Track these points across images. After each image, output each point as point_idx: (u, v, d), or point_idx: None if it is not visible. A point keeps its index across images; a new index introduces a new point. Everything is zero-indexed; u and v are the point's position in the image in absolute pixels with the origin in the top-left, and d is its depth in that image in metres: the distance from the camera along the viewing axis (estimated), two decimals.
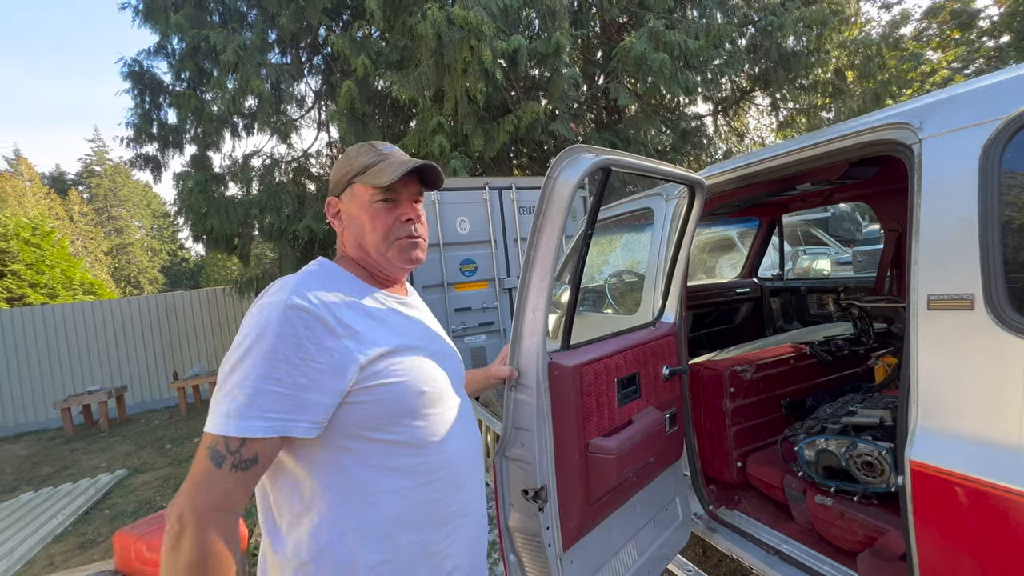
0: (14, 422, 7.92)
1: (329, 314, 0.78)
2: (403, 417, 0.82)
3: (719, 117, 11.83)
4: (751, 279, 3.66)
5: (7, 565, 3.18)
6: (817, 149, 1.48)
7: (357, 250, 0.93)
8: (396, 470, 0.82)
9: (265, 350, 0.72)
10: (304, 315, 0.75)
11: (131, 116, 8.03)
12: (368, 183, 0.89)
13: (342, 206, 0.95)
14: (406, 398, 0.83)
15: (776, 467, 1.81)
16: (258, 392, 0.71)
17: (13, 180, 26.82)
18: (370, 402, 0.79)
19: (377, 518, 0.80)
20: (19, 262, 12.18)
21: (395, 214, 0.91)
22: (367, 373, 0.79)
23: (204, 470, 0.70)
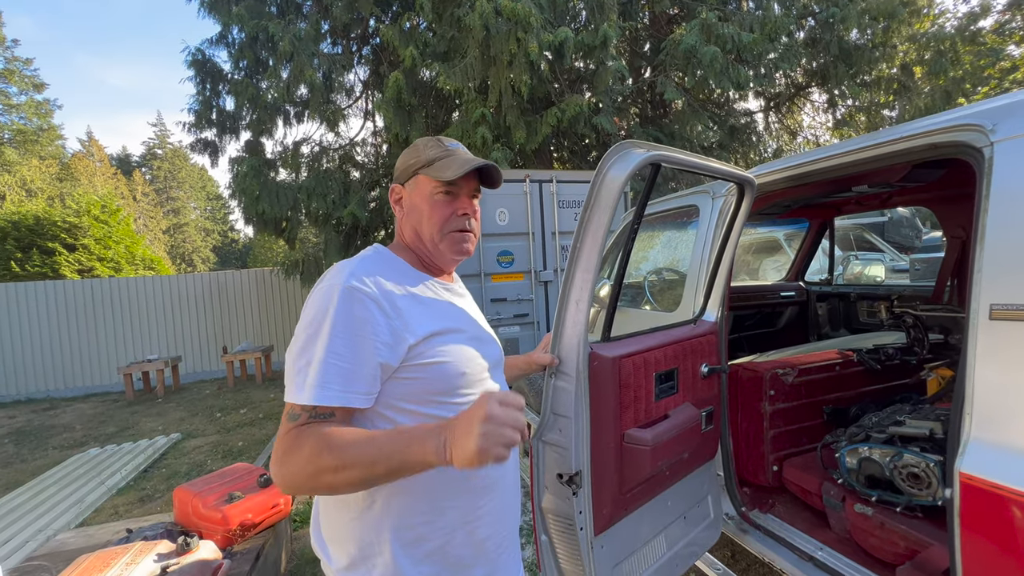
0: (83, 384, 8.61)
1: (383, 297, 0.84)
2: (442, 394, 0.88)
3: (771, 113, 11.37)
4: (797, 283, 3.55)
5: (79, 511, 3.50)
6: (878, 150, 1.43)
7: (413, 237, 0.99)
8: None
9: (328, 328, 0.79)
10: (361, 296, 0.82)
11: (193, 102, 8.48)
12: (433, 175, 0.94)
13: (404, 194, 1.00)
14: (447, 377, 0.88)
15: (814, 473, 1.78)
16: (324, 365, 0.78)
17: (85, 160, 28.81)
18: (414, 379, 0.86)
19: (415, 484, 0.85)
20: (89, 237, 13.12)
21: (453, 207, 0.96)
22: (414, 353, 0.85)
23: (287, 425, 0.79)
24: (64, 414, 6.93)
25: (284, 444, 0.77)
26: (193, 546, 1.89)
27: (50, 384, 8.50)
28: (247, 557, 2.12)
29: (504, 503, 0.97)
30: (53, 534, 3.12)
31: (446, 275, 1.04)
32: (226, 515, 2.19)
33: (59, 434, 5.85)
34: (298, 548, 2.79)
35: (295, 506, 3.21)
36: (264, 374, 8.19)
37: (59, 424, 6.35)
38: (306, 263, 8.79)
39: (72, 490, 3.93)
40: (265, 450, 4.52)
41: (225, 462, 4.29)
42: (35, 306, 8.50)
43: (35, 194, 23.11)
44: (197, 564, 1.82)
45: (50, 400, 8.05)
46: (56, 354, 8.56)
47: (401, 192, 1.01)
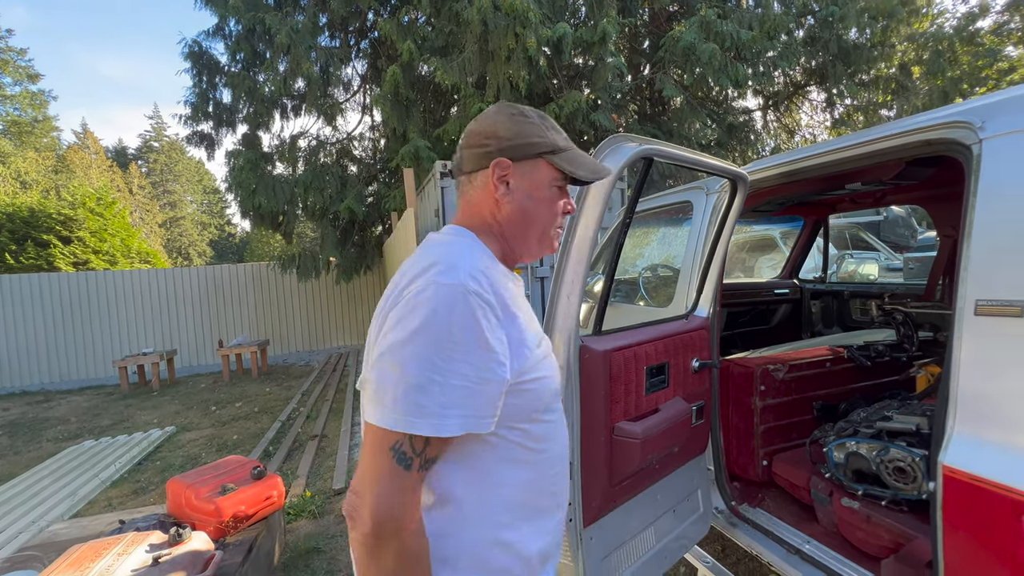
0: (78, 376, 8.59)
1: (498, 301, 0.72)
2: (539, 412, 0.78)
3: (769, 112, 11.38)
4: (791, 280, 3.57)
5: (72, 503, 3.49)
6: (869, 147, 1.44)
7: (515, 226, 0.83)
8: (522, 462, 0.77)
9: (444, 338, 0.65)
10: (481, 303, 0.68)
11: (189, 95, 8.42)
12: (561, 167, 0.81)
13: (514, 175, 0.81)
14: (546, 394, 0.78)
15: (803, 468, 1.80)
16: (446, 387, 0.64)
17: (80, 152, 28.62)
18: (525, 392, 0.74)
19: (501, 509, 0.75)
20: (84, 229, 13.05)
21: (560, 204, 0.85)
22: (525, 367, 0.73)
23: (392, 473, 0.64)
24: (59, 406, 6.91)
25: (400, 497, 0.64)
26: (185, 537, 1.89)
27: (45, 377, 8.48)
28: (240, 549, 2.13)
29: (562, 518, 0.89)
30: (46, 525, 3.12)
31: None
32: (219, 507, 2.19)
33: (53, 426, 5.84)
34: (292, 540, 2.80)
35: (288, 499, 3.22)
36: (260, 368, 8.18)
37: (53, 416, 6.34)
38: (303, 257, 8.77)
39: (66, 482, 3.93)
40: (260, 443, 4.53)
41: (220, 455, 4.29)
42: (30, 299, 8.46)
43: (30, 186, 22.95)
44: (189, 555, 1.82)
45: (45, 393, 8.03)
46: (51, 347, 8.53)
47: (509, 171, 0.81)
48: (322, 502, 3.27)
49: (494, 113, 0.84)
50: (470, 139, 0.83)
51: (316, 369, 8.32)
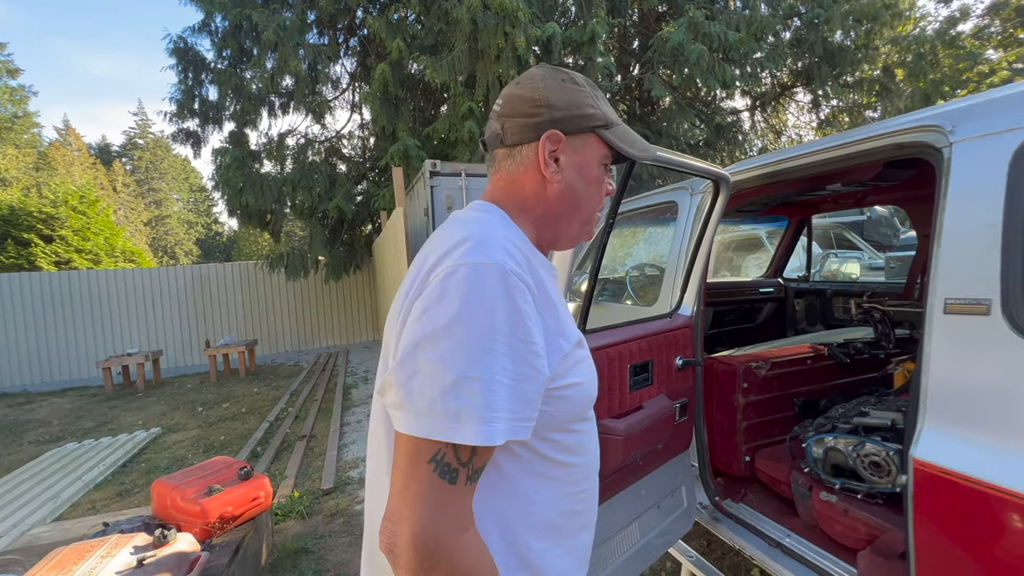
0: (60, 378, 8.44)
1: (536, 285, 0.62)
2: (573, 421, 0.68)
3: (756, 112, 11.52)
4: (776, 279, 3.62)
5: (54, 506, 3.44)
6: (847, 149, 1.48)
7: (562, 206, 0.73)
8: (548, 477, 0.67)
9: (483, 328, 0.55)
10: (521, 285, 0.58)
11: (175, 91, 8.31)
12: (612, 143, 0.72)
13: (565, 148, 0.71)
14: (583, 401, 0.69)
15: (784, 463, 1.84)
16: (488, 383, 0.54)
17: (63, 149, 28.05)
18: (555, 404, 0.64)
19: (523, 527, 0.66)
20: (67, 228, 12.82)
21: (604, 184, 0.76)
22: (561, 369, 0.63)
23: (435, 490, 0.54)
24: (40, 408, 6.79)
25: (448, 514, 0.55)
26: (170, 539, 1.88)
27: (25, 378, 8.32)
28: (226, 550, 2.12)
29: (590, 538, 0.81)
30: (27, 529, 3.08)
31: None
32: (205, 508, 2.18)
33: (34, 428, 5.74)
34: (280, 541, 2.79)
35: (276, 500, 3.21)
36: (248, 368, 8.11)
37: (35, 419, 6.23)
38: (291, 256, 8.71)
39: (48, 485, 3.87)
40: (247, 444, 4.49)
41: (206, 456, 4.25)
42: (10, 299, 8.30)
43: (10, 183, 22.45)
44: (174, 556, 1.81)
45: (26, 394, 7.88)
46: (32, 347, 8.38)
47: (561, 145, 0.70)
48: (310, 502, 3.26)
49: (541, 77, 0.72)
50: (514, 106, 0.71)
51: (305, 369, 8.26)
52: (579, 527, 0.73)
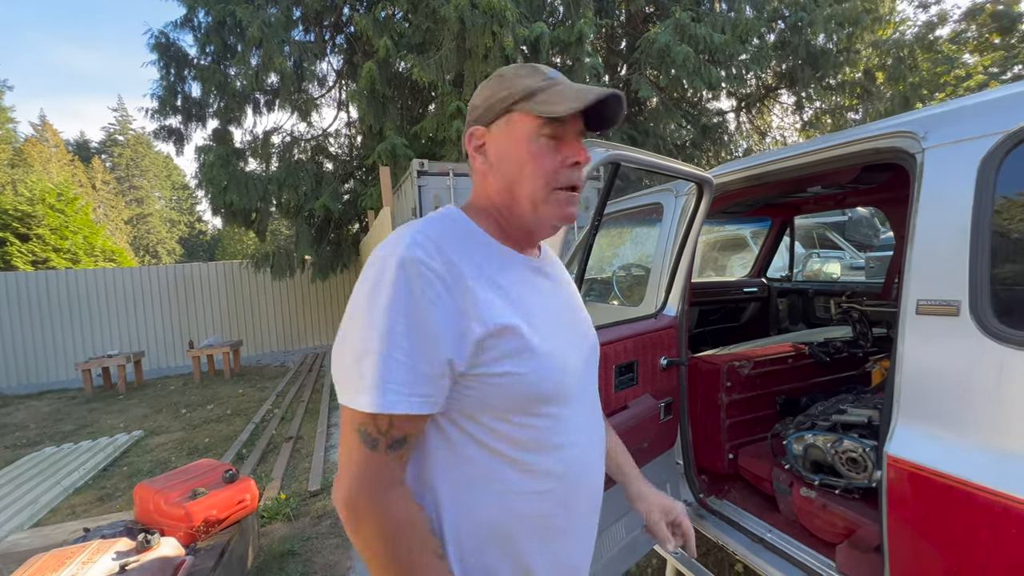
0: (37, 380, 8.24)
1: (449, 272, 0.65)
2: (514, 413, 0.69)
3: (742, 114, 11.67)
4: (759, 279, 3.69)
5: (33, 511, 3.37)
6: (825, 153, 1.51)
7: (503, 197, 0.74)
8: (495, 471, 0.70)
9: (385, 311, 0.61)
10: (424, 271, 0.63)
11: (156, 88, 8.16)
12: (536, 111, 0.69)
13: (490, 138, 0.74)
14: (523, 393, 0.69)
15: (766, 460, 1.88)
16: (384, 360, 0.61)
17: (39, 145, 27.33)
18: (489, 387, 0.67)
19: (468, 520, 0.69)
20: (44, 226, 12.52)
21: (561, 155, 0.72)
22: (483, 350, 0.66)
23: (359, 453, 0.62)
24: (17, 412, 6.63)
25: (369, 475, 0.62)
26: (154, 543, 1.86)
27: (2, 381, 8.12)
28: (211, 553, 2.10)
29: (565, 553, 0.77)
30: (4, 535, 3.01)
31: (533, 249, 0.81)
32: (189, 512, 2.16)
33: (11, 433, 5.60)
34: (266, 543, 2.77)
35: (263, 502, 3.18)
36: (232, 369, 8.00)
37: (11, 423, 6.07)
38: (277, 256, 8.61)
39: (25, 490, 3.78)
40: (232, 446, 4.44)
41: (191, 459, 4.19)
42: None
43: None
44: (158, 561, 1.79)
45: (2, 398, 7.68)
46: (8, 349, 8.17)
47: (484, 136, 0.74)
48: (297, 504, 3.23)
49: (478, 88, 0.78)
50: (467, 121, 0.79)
51: (291, 370, 8.18)
52: (531, 532, 0.71)
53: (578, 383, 0.77)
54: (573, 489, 0.75)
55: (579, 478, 0.76)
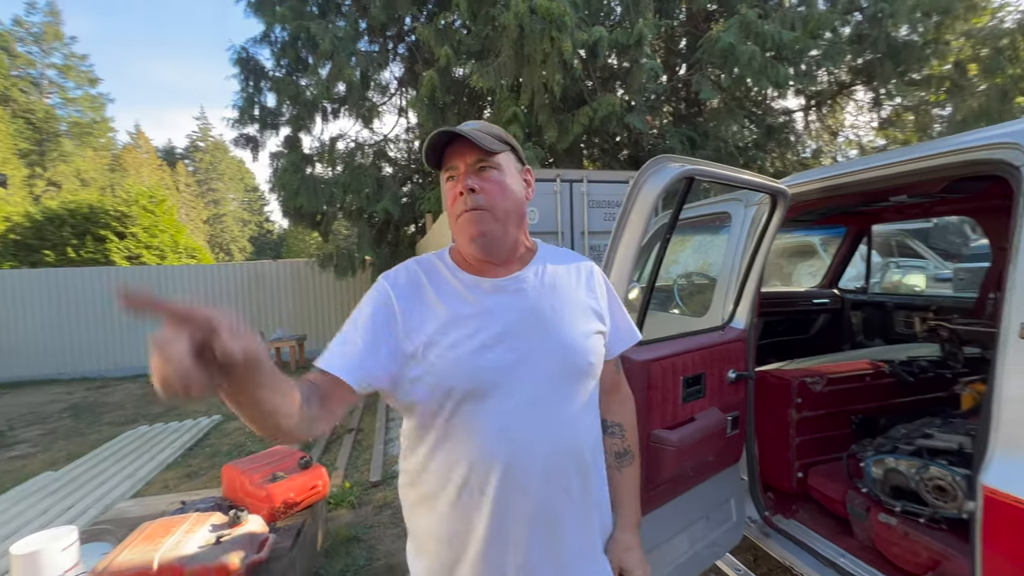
0: (131, 364, 9.14)
1: (400, 292, 0.85)
2: (432, 416, 0.83)
3: (811, 112, 11.03)
4: (831, 290, 3.50)
5: (133, 483, 3.77)
6: (913, 164, 1.44)
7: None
8: (419, 454, 0.87)
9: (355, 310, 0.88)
10: (382, 285, 0.88)
11: (237, 99, 8.82)
12: (425, 162, 0.88)
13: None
14: (432, 396, 0.82)
15: (839, 481, 1.80)
16: (336, 337, 0.84)
17: (134, 152, 30.25)
18: (413, 383, 0.83)
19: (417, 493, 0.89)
20: (138, 226, 13.82)
21: (455, 190, 0.85)
22: (414, 363, 0.82)
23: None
24: (115, 392, 7.39)
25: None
26: (243, 519, 2.04)
27: (102, 364, 9.05)
28: (289, 533, 2.28)
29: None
30: (112, 503, 3.39)
31: (503, 268, 0.89)
32: (271, 493, 2.35)
33: (111, 411, 6.26)
34: (333, 528, 2.95)
35: (331, 488, 3.39)
36: (298, 362, 8.52)
37: (111, 402, 6.79)
38: (339, 256, 9.06)
39: (126, 463, 4.23)
40: None
41: (263, 445, 4.52)
42: (89, 290, 9.05)
43: (89, 184, 24.42)
44: (247, 536, 1.97)
45: (102, 379, 8.59)
46: (107, 336, 9.10)
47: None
48: (360, 493, 3.42)
49: None
50: None
51: None
52: (446, 505, 0.84)
53: (507, 388, 0.82)
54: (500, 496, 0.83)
55: (505, 487, 0.82)
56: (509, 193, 0.85)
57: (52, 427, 5.64)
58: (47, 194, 22.54)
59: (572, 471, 0.86)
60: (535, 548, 0.83)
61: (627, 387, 1.06)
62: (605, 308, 0.95)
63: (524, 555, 0.83)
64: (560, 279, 0.91)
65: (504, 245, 0.87)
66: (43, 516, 3.28)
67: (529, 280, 0.89)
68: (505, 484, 0.81)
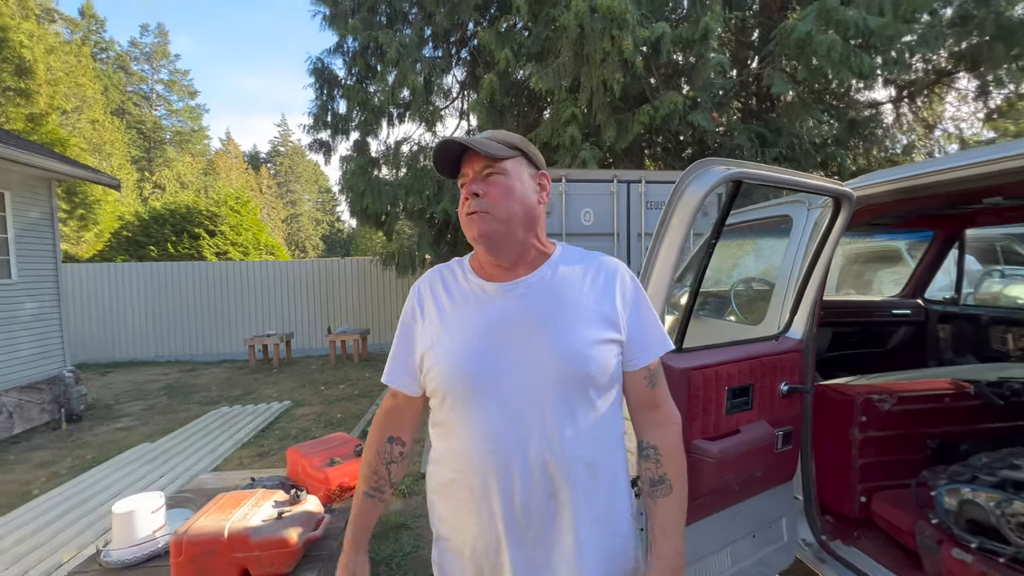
0: (216, 351, 10.05)
1: (418, 300, 0.94)
2: (435, 413, 0.92)
3: (903, 104, 10.04)
4: (915, 300, 3.19)
5: (213, 457, 4.17)
6: (1004, 164, 1.30)
7: None
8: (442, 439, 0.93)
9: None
10: (409, 299, 0.96)
11: (312, 107, 9.44)
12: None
13: None
14: (435, 395, 0.90)
15: (908, 510, 1.65)
16: (390, 354, 0.97)
17: (225, 157, 33.23)
18: (426, 388, 0.93)
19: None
20: (226, 224, 15.19)
21: (464, 194, 0.90)
22: (423, 365, 0.91)
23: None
24: (202, 376, 8.18)
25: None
26: (303, 498, 2.20)
27: (192, 349, 10.03)
28: (342, 515, 2.42)
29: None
30: (195, 474, 3.77)
31: (510, 272, 0.90)
32: (328, 476, 2.51)
33: (199, 392, 6.94)
34: (383, 515, 3.10)
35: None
36: (360, 355, 8.98)
37: (199, 384, 7.52)
38: (401, 255, 9.45)
39: (209, 439, 4.68)
40: (359, 424, 5.02)
41: (326, 430, 4.83)
42: (184, 283, 10.07)
43: (187, 186, 27.14)
44: (305, 514, 2.13)
45: (192, 363, 9.52)
46: (198, 323, 10.08)
47: None
48: (410, 483, 3.56)
49: None
50: None
51: None
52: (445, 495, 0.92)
53: (484, 397, 0.84)
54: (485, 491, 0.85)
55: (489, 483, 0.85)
56: (515, 196, 0.86)
57: (151, 403, 6.35)
58: (153, 196, 25.35)
59: (562, 480, 0.84)
60: (518, 551, 0.85)
61: (670, 408, 0.95)
62: (623, 315, 0.88)
63: (509, 556, 0.84)
64: (568, 284, 0.89)
65: (508, 247, 0.87)
66: (139, 482, 3.72)
67: (533, 285, 0.89)
68: (490, 486, 0.83)
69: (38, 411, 5.60)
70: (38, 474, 4.11)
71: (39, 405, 5.61)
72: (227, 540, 1.81)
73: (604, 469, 0.87)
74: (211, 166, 31.88)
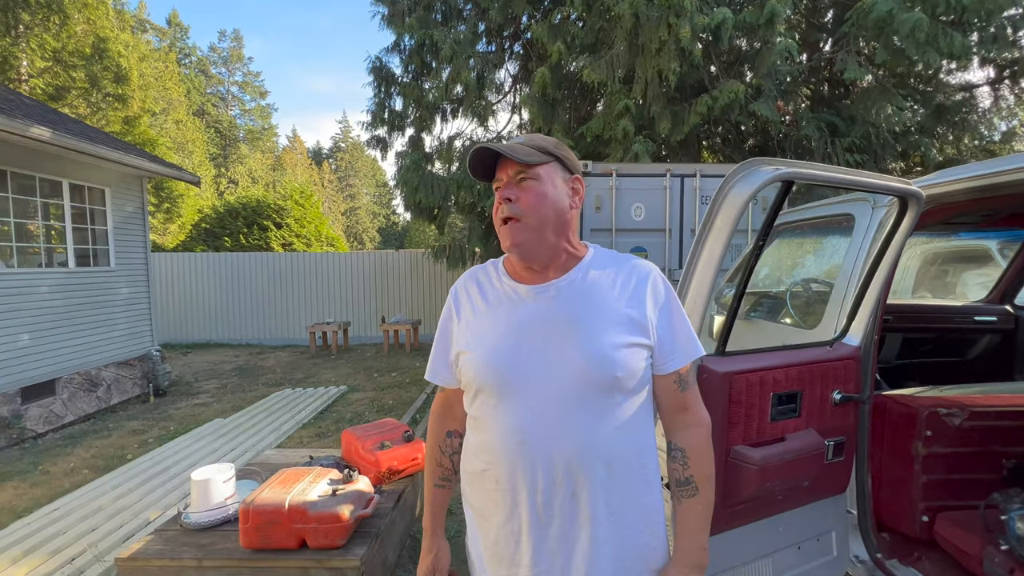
0: (281, 336, 10.76)
1: (454, 300, 1.01)
2: (468, 407, 0.98)
3: (1002, 86, 9.00)
4: (1003, 306, 2.91)
5: (277, 435, 4.50)
6: None
7: None
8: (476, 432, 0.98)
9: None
10: (449, 299, 1.03)
11: (370, 104, 9.80)
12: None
13: None
14: (468, 390, 0.95)
15: (976, 533, 1.53)
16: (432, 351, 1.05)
17: (291, 154, 35.22)
18: (461, 383, 0.99)
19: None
20: (291, 217, 16.16)
21: (497, 199, 0.92)
22: (458, 361, 0.97)
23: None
24: (269, 359, 8.79)
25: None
26: (355, 478, 2.36)
27: (260, 333, 10.79)
28: (391, 496, 2.56)
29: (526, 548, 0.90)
30: (261, 450, 4.09)
31: (541, 275, 0.93)
32: (378, 459, 2.66)
33: (266, 374, 7.48)
34: None
35: None
36: (412, 344, 9.31)
37: (265, 366, 8.10)
38: (452, 248, 9.66)
39: (273, 419, 5.05)
40: (408, 411, 5.23)
41: (379, 416, 5.08)
42: (254, 272, 10.83)
43: (257, 181, 29.04)
44: (356, 492, 2.27)
45: (260, 346, 10.25)
46: (265, 310, 10.82)
47: None
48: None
49: None
50: None
51: None
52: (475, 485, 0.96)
53: (507, 399, 0.88)
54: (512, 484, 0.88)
55: (516, 476, 0.88)
56: (547, 202, 0.88)
57: (224, 383, 6.93)
58: (228, 190, 27.35)
59: (584, 480, 0.85)
60: (539, 547, 0.87)
61: (700, 411, 0.96)
62: (653, 319, 0.89)
63: (530, 549, 0.87)
64: (598, 287, 0.91)
65: (540, 252, 0.90)
66: (213, 454, 4.09)
67: (562, 288, 0.91)
68: (516, 478, 0.87)
69: (131, 385, 6.26)
70: (131, 440, 4.62)
71: (132, 380, 6.28)
72: (288, 512, 1.98)
73: (624, 467, 0.88)
74: (279, 162, 33.93)
